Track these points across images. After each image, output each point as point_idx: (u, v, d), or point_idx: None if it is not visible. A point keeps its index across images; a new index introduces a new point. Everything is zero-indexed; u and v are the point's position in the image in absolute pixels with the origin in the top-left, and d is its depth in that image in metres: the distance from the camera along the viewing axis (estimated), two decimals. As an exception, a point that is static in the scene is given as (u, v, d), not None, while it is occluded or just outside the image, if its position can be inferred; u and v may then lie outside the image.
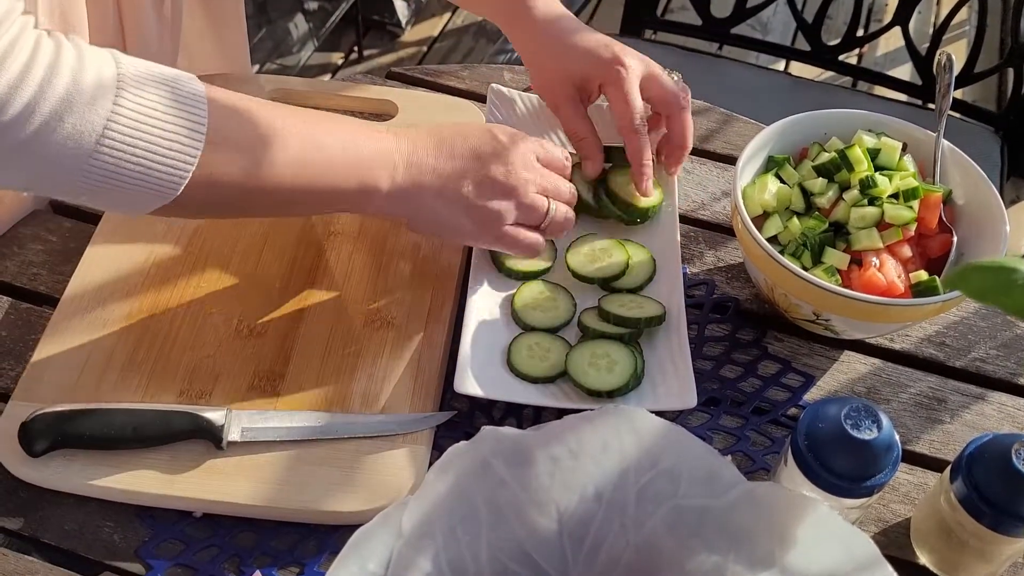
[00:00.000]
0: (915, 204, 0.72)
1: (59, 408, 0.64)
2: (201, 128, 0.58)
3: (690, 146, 0.79)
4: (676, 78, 0.79)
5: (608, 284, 0.75)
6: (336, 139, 0.64)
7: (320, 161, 0.63)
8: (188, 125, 0.57)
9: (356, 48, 2.18)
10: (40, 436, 0.64)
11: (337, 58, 2.19)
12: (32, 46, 0.53)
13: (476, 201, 0.67)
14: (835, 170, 0.74)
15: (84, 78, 0.54)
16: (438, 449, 0.67)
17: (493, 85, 0.86)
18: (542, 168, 0.71)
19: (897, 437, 0.58)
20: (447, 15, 2.28)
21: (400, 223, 0.72)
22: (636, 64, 0.76)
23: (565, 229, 0.72)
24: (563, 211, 0.72)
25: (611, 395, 0.67)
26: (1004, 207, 0.72)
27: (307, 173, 0.63)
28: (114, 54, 0.57)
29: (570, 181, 0.74)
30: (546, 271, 0.76)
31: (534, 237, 0.71)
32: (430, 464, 0.65)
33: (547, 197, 0.71)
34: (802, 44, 1.44)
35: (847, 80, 1.75)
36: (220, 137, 0.59)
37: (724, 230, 0.83)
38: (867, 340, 0.76)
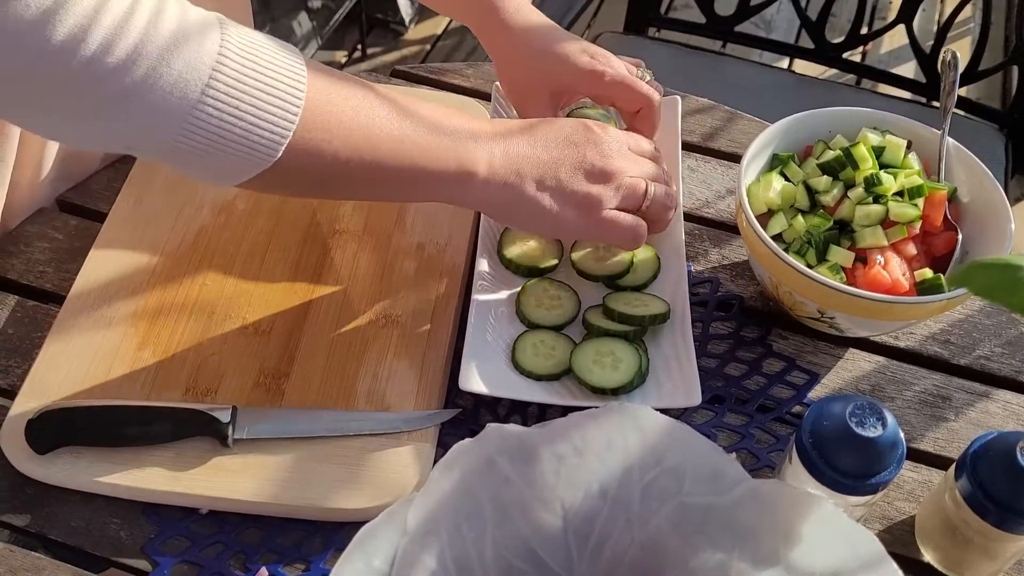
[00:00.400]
0: (920, 202, 0.72)
1: (65, 405, 0.65)
2: (301, 89, 0.56)
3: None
4: (648, 78, 0.79)
5: (613, 282, 0.75)
6: (433, 120, 0.63)
7: (419, 138, 0.62)
8: (289, 85, 0.56)
9: (360, 46, 2.18)
10: (47, 433, 0.64)
11: (341, 56, 2.19)
12: None
13: (575, 187, 0.66)
14: (840, 168, 0.74)
15: (189, 27, 0.52)
16: (443, 446, 0.67)
17: (497, 83, 0.86)
18: (635, 155, 0.70)
19: (902, 435, 0.58)
20: (451, 13, 2.28)
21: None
22: (616, 61, 0.76)
23: (668, 209, 0.71)
24: (662, 190, 0.70)
25: (616, 393, 0.67)
26: (1009, 204, 0.72)
27: (405, 150, 0.61)
28: (216, 14, 0.56)
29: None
30: (551, 268, 0.76)
31: (636, 220, 0.69)
32: (435, 461, 0.65)
33: (644, 180, 0.69)
34: (806, 42, 1.44)
35: (851, 78, 1.74)
36: (320, 102, 0.57)
37: (728, 228, 0.83)
38: (872, 338, 0.76)
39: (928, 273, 0.70)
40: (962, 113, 1.37)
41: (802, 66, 1.62)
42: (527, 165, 0.65)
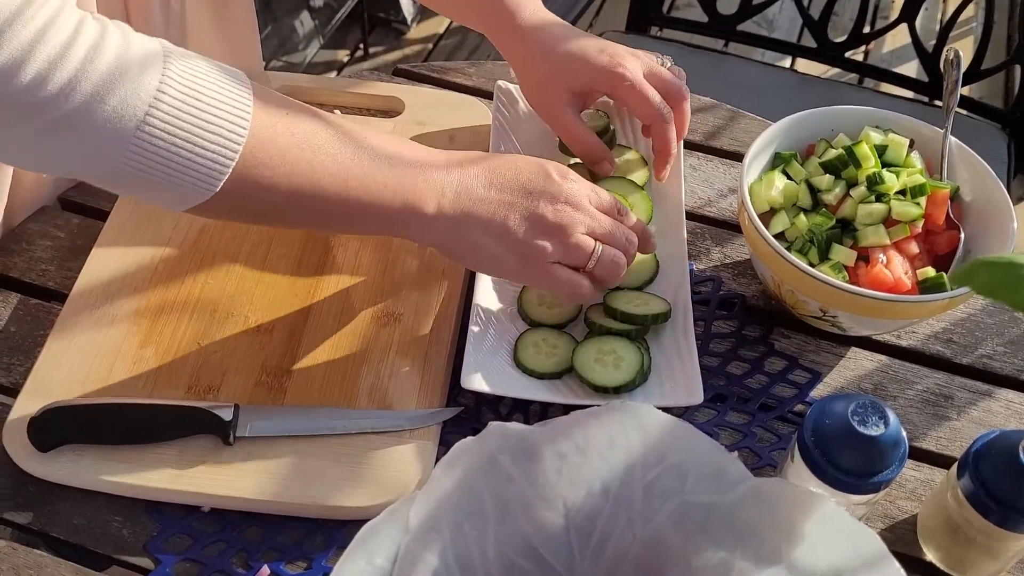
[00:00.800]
0: (922, 201, 0.72)
1: (68, 403, 0.65)
2: (244, 124, 0.56)
3: (685, 131, 0.79)
4: (668, 64, 0.79)
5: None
6: (383, 156, 0.62)
7: (364, 176, 0.61)
8: (232, 120, 0.56)
9: (362, 45, 2.18)
10: (49, 431, 0.64)
11: (343, 55, 2.19)
12: (76, 23, 0.52)
13: (522, 236, 0.65)
14: (842, 167, 0.74)
15: (128, 61, 0.53)
16: (445, 445, 0.67)
17: (499, 82, 0.86)
18: (594, 210, 0.68)
19: (904, 433, 0.58)
20: (453, 12, 2.28)
21: (443, 253, 0.68)
22: (634, 62, 0.76)
23: (615, 274, 0.68)
24: (611, 254, 0.68)
25: (617, 391, 0.67)
26: (1011, 203, 0.72)
27: (349, 188, 0.61)
28: (162, 42, 0.56)
29: (628, 227, 0.70)
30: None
31: (578, 279, 0.67)
32: (437, 460, 0.65)
33: (595, 240, 0.67)
34: (808, 41, 1.44)
35: (853, 77, 1.74)
36: (263, 136, 0.57)
37: (731, 226, 0.83)
38: (874, 337, 0.76)
39: (930, 272, 0.70)
40: (965, 112, 1.37)
41: (804, 65, 1.62)
42: (477, 207, 0.64)
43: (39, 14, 0.50)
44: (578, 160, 0.80)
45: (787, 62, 1.96)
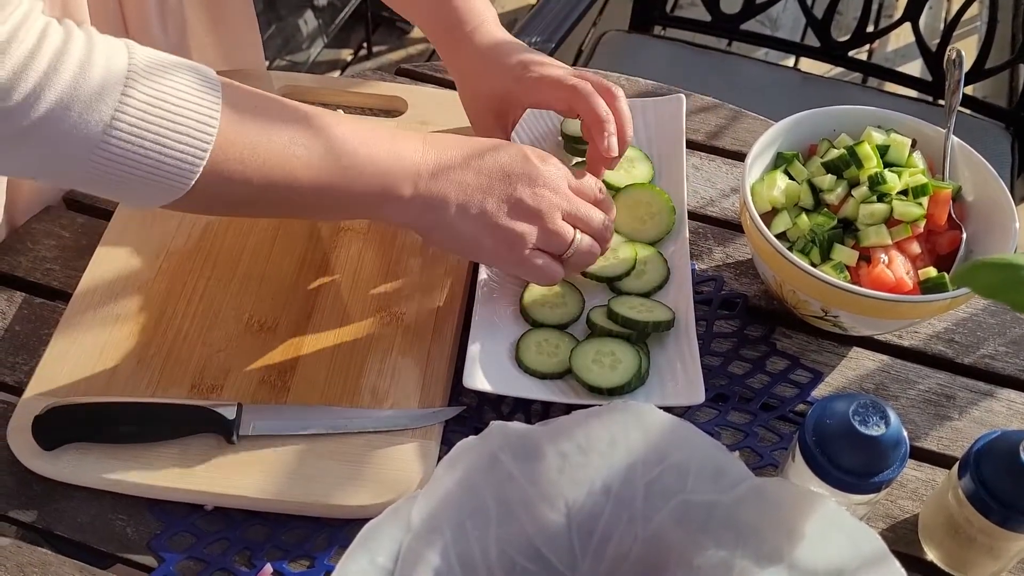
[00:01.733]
0: (924, 201, 0.72)
1: (72, 402, 0.65)
2: (213, 123, 0.56)
3: (629, 131, 0.73)
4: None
5: (615, 284, 0.75)
6: (358, 142, 0.62)
7: (339, 164, 0.61)
8: (200, 119, 0.56)
9: (365, 44, 2.19)
10: (53, 430, 0.64)
11: (346, 54, 2.19)
12: (39, 31, 0.52)
13: (499, 220, 0.65)
14: (844, 166, 0.74)
15: (92, 67, 0.53)
16: (447, 444, 0.67)
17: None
18: (572, 195, 0.67)
19: (905, 433, 0.58)
20: (456, 11, 2.28)
21: (414, 233, 0.68)
22: (560, 70, 0.73)
23: (589, 262, 0.69)
24: (588, 243, 0.68)
25: (612, 393, 0.67)
26: (1014, 203, 0.72)
27: (324, 175, 0.61)
28: (128, 44, 0.56)
29: (607, 211, 0.70)
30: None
31: (555, 267, 0.68)
32: (439, 459, 0.65)
33: (574, 227, 0.67)
34: (812, 40, 1.43)
35: (857, 76, 1.74)
36: (233, 132, 0.58)
37: (733, 226, 0.83)
38: (875, 337, 0.76)
39: (932, 272, 0.70)
40: (968, 112, 1.36)
41: (808, 64, 1.62)
42: (454, 190, 0.64)
43: (1, 28, 0.50)
44: (582, 159, 0.80)
45: (790, 61, 1.96)
